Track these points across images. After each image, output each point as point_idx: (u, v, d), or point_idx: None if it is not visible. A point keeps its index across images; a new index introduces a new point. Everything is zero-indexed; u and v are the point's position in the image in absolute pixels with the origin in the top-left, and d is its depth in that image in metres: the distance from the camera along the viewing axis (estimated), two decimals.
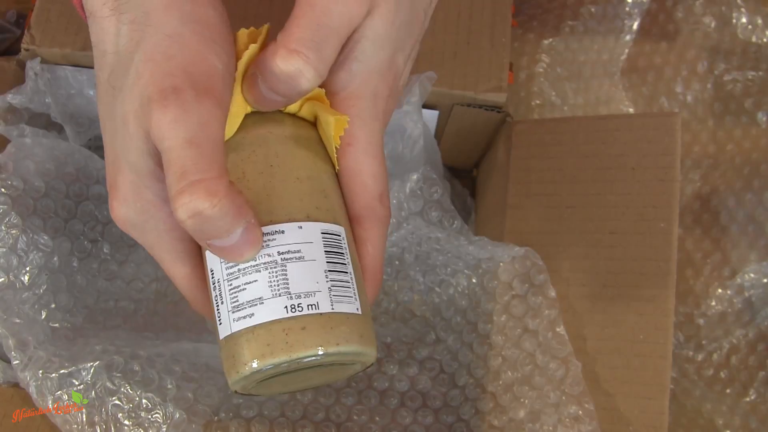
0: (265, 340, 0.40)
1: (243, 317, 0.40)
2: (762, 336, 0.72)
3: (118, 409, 0.54)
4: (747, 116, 0.76)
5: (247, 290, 0.40)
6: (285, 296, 0.40)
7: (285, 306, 0.40)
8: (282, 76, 0.40)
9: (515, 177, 0.62)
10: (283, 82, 0.41)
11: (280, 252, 0.40)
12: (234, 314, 0.40)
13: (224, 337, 0.41)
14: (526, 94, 0.78)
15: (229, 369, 0.41)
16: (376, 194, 0.45)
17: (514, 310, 0.58)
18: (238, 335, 0.40)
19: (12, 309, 0.57)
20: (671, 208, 0.58)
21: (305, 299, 0.40)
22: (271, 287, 0.40)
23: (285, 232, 0.41)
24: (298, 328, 0.40)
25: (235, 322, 0.40)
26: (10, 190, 0.59)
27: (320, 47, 0.41)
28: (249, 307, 0.40)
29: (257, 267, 0.40)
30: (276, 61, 0.40)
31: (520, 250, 0.59)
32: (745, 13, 0.76)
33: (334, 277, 0.41)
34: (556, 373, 0.56)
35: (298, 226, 0.41)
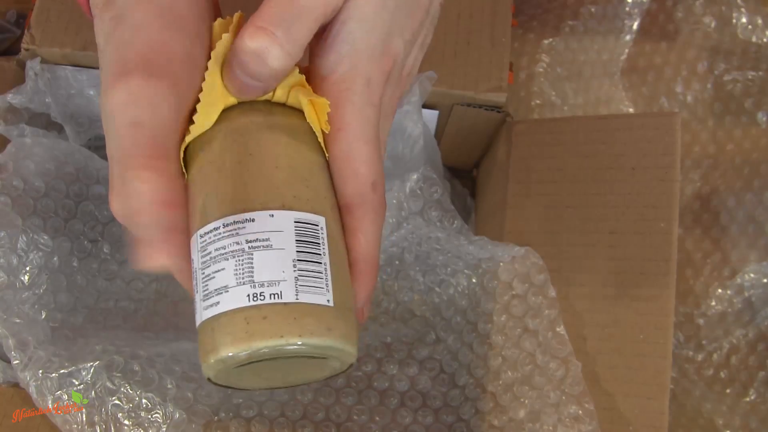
0: (227, 329, 0.39)
1: (210, 305, 0.40)
2: (762, 336, 0.72)
3: (118, 409, 0.54)
4: (747, 116, 0.76)
5: (216, 278, 0.40)
6: (248, 284, 0.39)
7: (247, 294, 0.39)
8: (250, 55, 0.40)
9: (515, 177, 0.62)
10: (252, 62, 0.40)
11: (248, 240, 0.40)
12: (204, 302, 0.40)
13: (197, 325, 0.41)
14: (526, 94, 0.78)
15: (200, 357, 0.41)
16: (368, 181, 0.44)
17: (514, 309, 0.58)
18: (205, 324, 0.40)
19: (12, 309, 0.57)
20: (671, 208, 0.58)
21: (268, 288, 0.39)
22: (237, 275, 0.39)
23: (255, 220, 0.40)
24: (259, 317, 0.39)
25: (204, 310, 0.40)
26: (10, 190, 0.59)
27: (289, 25, 0.40)
28: (216, 295, 0.39)
29: (226, 255, 0.40)
30: (244, 39, 0.40)
31: (520, 250, 0.59)
32: (745, 13, 0.76)
33: (304, 267, 0.40)
34: (556, 373, 0.56)
35: (270, 214, 0.40)
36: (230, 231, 0.40)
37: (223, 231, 0.40)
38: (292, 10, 0.40)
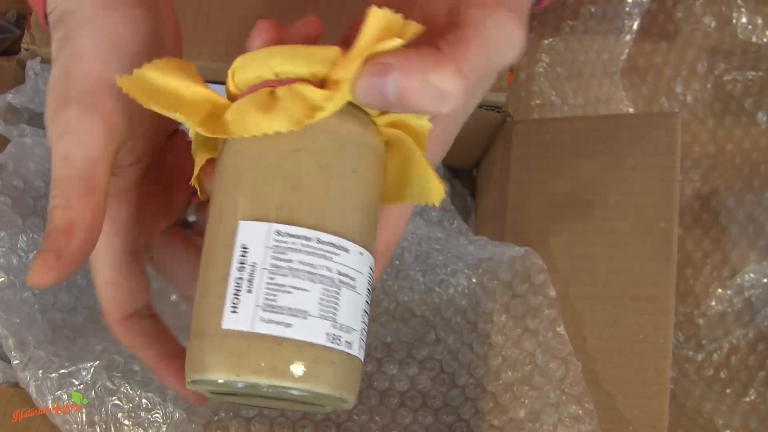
0: (289, 357, 0.35)
1: (276, 322, 0.35)
2: (762, 336, 0.72)
3: (118, 409, 0.54)
4: (747, 116, 0.76)
5: (293, 296, 0.35)
6: (331, 322, 0.36)
7: (327, 333, 0.36)
8: (435, 90, 0.37)
9: (515, 177, 0.62)
10: (429, 96, 0.37)
11: (340, 271, 0.36)
12: (264, 313, 0.35)
13: (232, 329, 0.35)
14: (526, 94, 0.78)
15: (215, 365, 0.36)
16: (398, 240, 0.45)
17: (514, 309, 0.58)
18: (258, 338, 0.35)
19: (12, 309, 0.57)
20: (671, 208, 0.58)
21: (345, 333, 0.36)
22: (321, 305, 0.36)
23: (349, 252, 0.37)
24: (328, 360, 0.36)
25: (262, 322, 0.35)
26: (10, 190, 0.59)
27: (478, 82, 0.39)
28: (288, 315, 0.35)
29: (313, 276, 0.36)
30: (441, 72, 0.36)
31: (520, 250, 0.59)
32: (745, 13, 0.76)
33: (365, 320, 0.38)
34: (556, 372, 0.56)
35: (360, 251, 0.37)
36: (324, 251, 0.36)
37: (316, 246, 0.36)
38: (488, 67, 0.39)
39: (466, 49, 0.37)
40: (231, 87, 0.40)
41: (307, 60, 0.38)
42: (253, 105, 0.37)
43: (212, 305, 0.36)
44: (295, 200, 0.36)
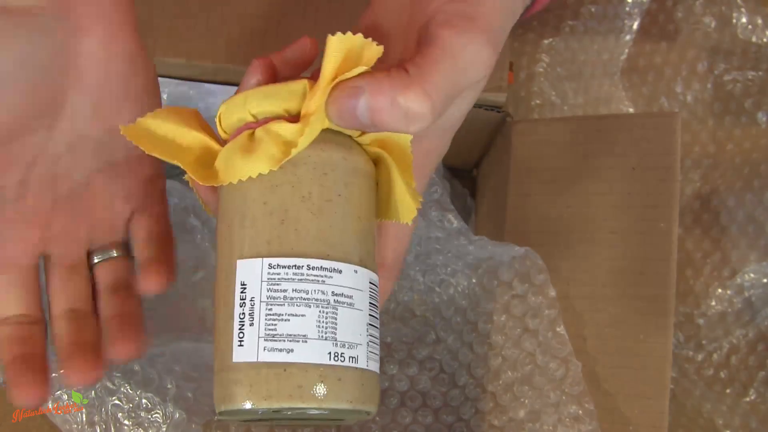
0: (297, 381, 0.37)
1: (278, 349, 0.38)
2: (762, 336, 0.72)
3: (117, 409, 0.54)
4: (747, 116, 0.76)
5: (291, 322, 0.38)
6: (331, 341, 0.38)
7: (329, 352, 0.38)
8: (402, 111, 0.38)
9: (515, 177, 0.62)
10: (397, 117, 0.39)
11: (334, 293, 0.39)
12: (267, 342, 0.38)
13: (241, 361, 0.38)
14: (526, 94, 0.78)
15: (234, 396, 0.39)
16: (406, 249, 0.46)
17: (514, 309, 0.58)
18: (264, 366, 0.38)
19: None
20: (671, 208, 0.58)
21: (348, 350, 0.38)
22: (319, 327, 0.38)
23: (342, 272, 0.39)
24: (334, 377, 0.38)
25: (266, 351, 0.38)
26: None
27: (445, 102, 0.40)
28: (288, 341, 0.38)
29: (308, 301, 0.38)
30: (407, 94, 0.38)
31: (520, 249, 0.59)
32: (745, 13, 0.76)
33: (372, 332, 0.40)
34: (556, 372, 0.56)
35: (354, 269, 0.39)
36: (316, 276, 0.38)
37: (308, 273, 0.38)
38: (454, 90, 0.40)
39: (433, 71, 0.39)
40: (220, 132, 0.42)
41: (278, 97, 0.40)
42: (237, 150, 0.40)
43: (225, 341, 0.39)
44: (284, 233, 0.39)
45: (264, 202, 0.39)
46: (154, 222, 0.50)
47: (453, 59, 0.39)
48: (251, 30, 0.64)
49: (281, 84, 0.40)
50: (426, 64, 0.39)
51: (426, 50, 0.39)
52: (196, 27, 0.64)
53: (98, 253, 0.49)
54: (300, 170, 0.40)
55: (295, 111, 0.40)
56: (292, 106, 0.40)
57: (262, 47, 0.63)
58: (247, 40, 0.63)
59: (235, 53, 0.62)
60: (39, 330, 0.47)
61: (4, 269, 0.47)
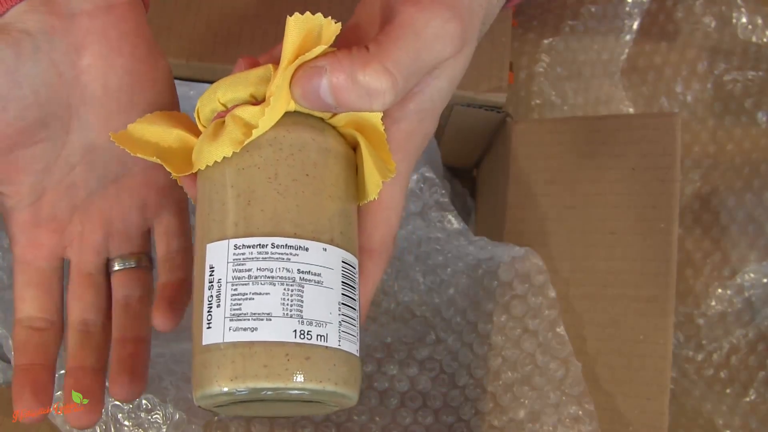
0: (262, 360, 0.37)
1: (243, 329, 0.37)
2: (762, 336, 0.72)
3: (117, 410, 0.54)
4: (747, 116, 0.76)
5: (255, 301, 0.37)
6: (297, 319, 0.37)
7: (294, 330, 0.37)
8: (363, 89, 0.38)
9: (515, 177, 0.62)
10: (358, 95, 0.39)
11: (300, 270, 0.38)
12: (232, 322, 0.37)
13: (210, 343, 0.38)
14: (526, 93, 0.78)
15: (204, 379, 0.38)
16: (394, 232, 0.45)
17: (514, 310, 0.58)
18: (230, 347, 0.37)
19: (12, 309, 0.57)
20: (671, 208, 0.58)
21: (316, 328, 0.38)
22: (284, 305, 0.37)
23: (309, 250, 0.39)
24: (302, 356, 0.37)
25: (231, 331, 0.37)
26: None
27: (409, 78, 0.39)
28: (253, 319, 0.37)
29: (272, 279, 0.38)
30: (366, 71, 0.38)
31: (520, 250, 0.59)
32: (745, 13, 0.76)
33: (345, 312, 0.39)
34: (556, 373, 0.56)
35: (323, 247, 0.39)
36: (281, 254, 0.38)
37: (272, 251, 0.38)
38: (417, 64, 0.40)
39: (394, 48, 0.39)
40: (200, 127, 0.43)
41: (243, 84, 0.41)
42: (206, 138, 0.41)
43: (197, 326, 0.39)
44: (250, 214, 0.39)
45: (231, 185, 0.40)
46: (171, 235, 0.50)
47: (415, 34, 0.39)
48: (251, 30, 0.64)
49: (247, 71, 0.41)
50: (387, 41, 0.39)
51: (388, 28, 0.39)
52: (196, 27, 0.64)
53: (117, 262, 0.50)
54: (265, 151, 0.40)
55: (261, 96, 0.40)
56: (258, 91, 0.40)
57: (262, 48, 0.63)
58: (248, 41, 0.63)
59: (235, 53, 0.62)
60: (53, 336, 0.48)
61: (21, 269, 0.47)
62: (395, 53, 0.39)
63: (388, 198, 0.44)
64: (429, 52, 0.40)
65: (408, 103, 0.43)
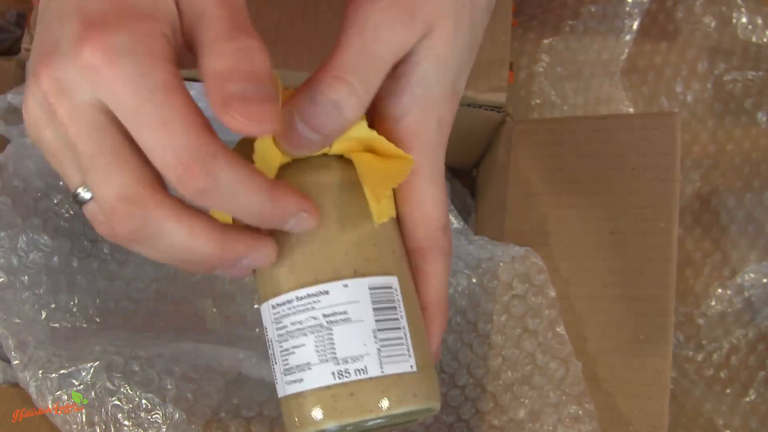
0: (314, 405, 0.39)
1: (293, 381, 0.40)
2: (762, 336, 0.72)
3: (117, 410, 0.54)
4: (747, 116, 0.76)
5: (296, 354, 0.40)
6: (332, 362, 0.39)
7: (332, 372, 0.39)
8: (326, 105, 0.38)
9: (515, 177, 0.62)
10: (325, 113, 0.38)
11: (325, 315, 0.39)
12: (286, 377, 0.40)
13: (280, 396, 0.42)
14: (526, 93, 0.78)
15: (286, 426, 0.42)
16: (440, 224, 0.44)
17: (514, 309, 0.58)
18: (290, 398, 0.40)
19: (12, 309, 0.57)
20: (671, 208, 0.58)
21: (352, 364, 0.39)
22: (318, 352, 0.39)
23: (330, 292, 0.40)
24: (346, 394, 0.39)
25: (287, 385, 0.40)
26: (10, 190, 0.59)
27: (364, 75, 0.39)
28: (298, 372, 0.40)
29: (304, 330, 0.40)
30: (320, 88, 0.38)
31: (520, 249, 0.59)
32: (745, 13, 0.76)
33: (384, 336, 0.40)
34: (556, 373, 0.56)
35: (344, 284, 0.40)
36: (305, 305, 0.40)
37: (297, 304, 0.40)
38: (366, 59, 0.39)
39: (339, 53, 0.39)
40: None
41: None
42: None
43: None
44: (277, 273, 0.41)
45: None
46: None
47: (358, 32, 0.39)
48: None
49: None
50: (334, 50, 0.39)
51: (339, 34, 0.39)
52: None
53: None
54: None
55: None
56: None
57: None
58: None
59: None
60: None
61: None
62: (340, 58, 0.39)
63: (419, 192, 0.44)
64: (376, 43, 0.39)
65: (401, 96, 0.42)
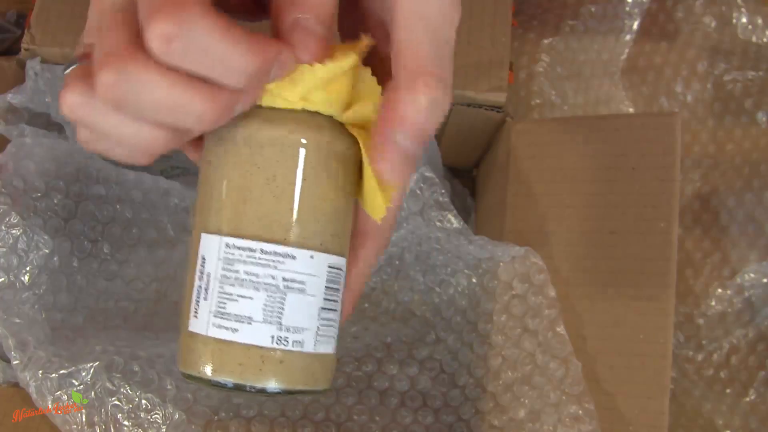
0: (238, 358, 0.39)
1: (225, 327, 0.39)
2: (762, 336, 0.72)
3: (117, 410, 0.54)
4: (747, 116, 0.76)
5: (239, 303, 0.39)
6: (275, 325, 0.39)
7: (272, 335, 0.39)
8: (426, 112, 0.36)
9: (515, 177, 0.62)
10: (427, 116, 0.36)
11: (285, 278, 0.39)
12: (215, 319, 0.39)
13: (195, 332, 0.40)
14: (526, 93, 0.78)
15: (185, 360, 0.40)
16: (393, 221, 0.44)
17: (514, 309, 0.58)
18: (210, 340, 0.39)
19: (12, 309, 0.57)
20: (671, 208, 0.57)
21: (293, 334, 0.39)
22: (265, 311, 0.39)
23: (296, 258, 0.39)
24: (276, 359, 0.39)
25: (213, 327, 0.39)
26: (10, 190, 0.59)
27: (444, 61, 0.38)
28: (235, 321, 0.39)
29: (257, 285, 0.39)
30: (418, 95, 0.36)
31: (520, 249, 0.59)
32: (745, 13, 0.76)
33: (325, 315, 0.40)
34: (556, 372, 0.56)
35: (310, 255, 0.39)
36: (268, 260, 0.39)
37: (260, 257, 0.39)
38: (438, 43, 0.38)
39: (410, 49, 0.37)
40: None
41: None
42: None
43: (185, 308, 0.41)
44: (243, 213, 0.39)
45: (231, 178, 0.40)
46: None
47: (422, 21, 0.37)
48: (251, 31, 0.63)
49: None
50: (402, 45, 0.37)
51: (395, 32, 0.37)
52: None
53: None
54: (267, 151, 0.39)
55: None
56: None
57: None
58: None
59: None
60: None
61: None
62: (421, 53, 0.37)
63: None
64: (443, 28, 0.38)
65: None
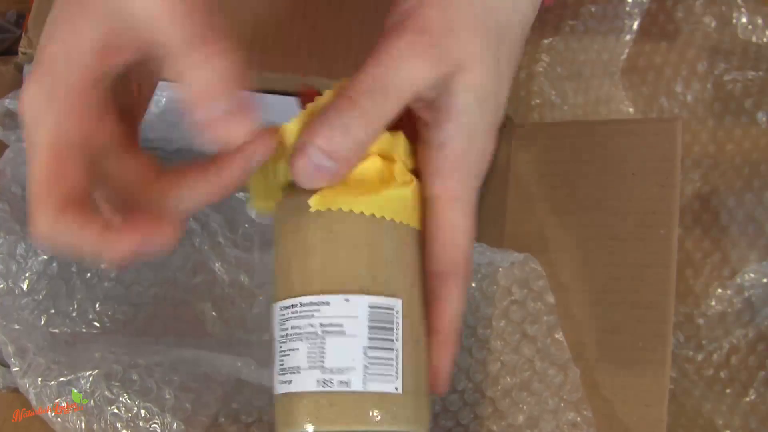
0: (296, 408, 0.41)
1: (284, 382, 0.42)
2: (762, 336, 0.72)
3: (116, 418, 0.54)
4: (747, 116, 0.76)
5: (290, 356, 0.42)
6: (319, 370, 0.41)
7: (317, 379, 0.40)
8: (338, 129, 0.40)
9: (515, 182, 0.62)
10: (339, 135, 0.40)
11: (322, 324, 0.41)
12: (279, 376, 0.42)
13: (275, 393, 0.43)
14: (526, 93, 0.78)
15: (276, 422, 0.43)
16: (466, 253, 0.45)
17: (513, 315, 0.58)
18: (280, 397, 0.42)
19: (11, 315, 0.57)
20: (671, 214, 0.57)
21: (337, 375, 0.40)
22: (309, 358, 0.41)
23: (330, 304, 0.41)
24: (326, 403, 0.41)
25: (279, 384, 0.42)
26: (8, 196, 0.59)
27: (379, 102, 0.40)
28: (289, 373, 0.42)
29: (300, 335, 0.41)
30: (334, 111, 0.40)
31: (519, 255, 0.59)
32: (745, 13, 0.75)
33: (374, 354, 0.41)
34: (555, 379, 0.56)
35: (345, 298, 0.41)
36: (306, 312, 0.41)
37: (300, 310, 0.41)
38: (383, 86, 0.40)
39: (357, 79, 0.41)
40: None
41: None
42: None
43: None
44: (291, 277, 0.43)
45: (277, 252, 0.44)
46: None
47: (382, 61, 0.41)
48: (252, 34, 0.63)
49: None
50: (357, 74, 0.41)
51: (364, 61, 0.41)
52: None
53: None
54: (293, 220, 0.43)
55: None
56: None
57: (262, 51, 0.63)
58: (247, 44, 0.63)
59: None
60: None
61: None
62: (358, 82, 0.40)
63: (450, 218, 0.44)
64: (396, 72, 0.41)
65: (444, 124, 0.43)
